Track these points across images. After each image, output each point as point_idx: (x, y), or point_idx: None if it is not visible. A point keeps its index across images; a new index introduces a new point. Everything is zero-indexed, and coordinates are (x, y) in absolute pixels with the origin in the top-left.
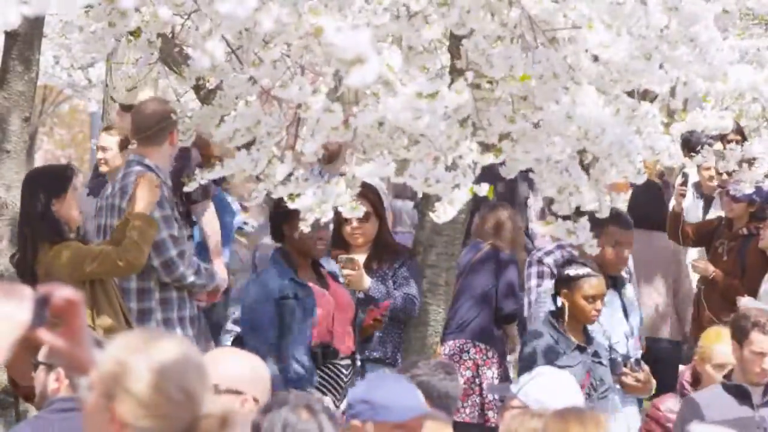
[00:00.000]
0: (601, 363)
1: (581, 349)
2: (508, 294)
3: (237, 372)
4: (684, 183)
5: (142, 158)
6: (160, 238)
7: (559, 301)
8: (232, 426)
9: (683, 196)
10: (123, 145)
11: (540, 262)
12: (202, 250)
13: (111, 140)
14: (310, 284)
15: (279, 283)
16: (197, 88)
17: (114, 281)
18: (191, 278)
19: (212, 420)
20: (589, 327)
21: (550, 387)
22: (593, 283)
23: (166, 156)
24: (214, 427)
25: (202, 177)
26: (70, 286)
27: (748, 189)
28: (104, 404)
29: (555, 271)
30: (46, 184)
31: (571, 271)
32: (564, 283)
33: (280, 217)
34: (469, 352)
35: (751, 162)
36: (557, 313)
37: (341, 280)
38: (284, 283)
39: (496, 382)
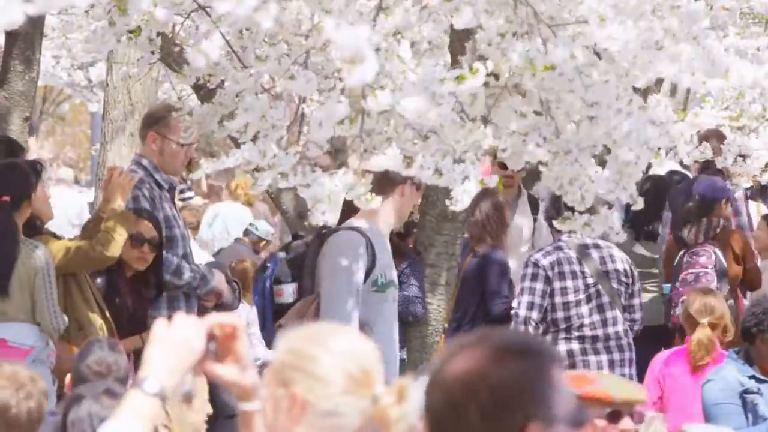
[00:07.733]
0: None
1: None
2: (495, 295)
3: None
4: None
5: (139, 158)
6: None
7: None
8: (409, 398)
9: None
10: None
11: (536, 264)
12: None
13: None
14: None
15: None
16: (197, 88)
17: (87, 275)
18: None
19: (390, 395)
20: None
21: None
22: None
23: (161, 154)
24: (393, 401)
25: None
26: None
27: (746, 183)
28: (282, 393)
29: (550, 274)
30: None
31: None
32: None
33: None
34: None
35: (747, 156)
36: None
37: None
38: None
39: None
